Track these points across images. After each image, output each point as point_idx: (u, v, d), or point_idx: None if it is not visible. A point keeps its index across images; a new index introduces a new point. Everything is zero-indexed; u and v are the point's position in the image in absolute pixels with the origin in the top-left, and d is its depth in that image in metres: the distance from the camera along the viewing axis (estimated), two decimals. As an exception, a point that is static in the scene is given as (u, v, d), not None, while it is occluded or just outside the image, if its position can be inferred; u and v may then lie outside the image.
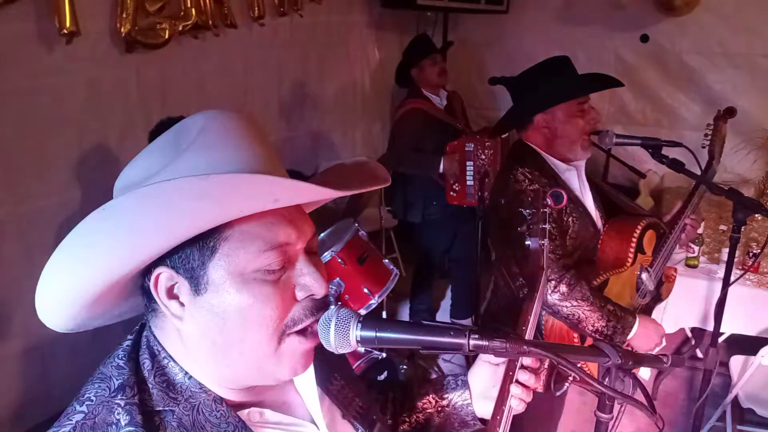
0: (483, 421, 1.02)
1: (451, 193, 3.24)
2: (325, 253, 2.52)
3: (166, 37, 2.57)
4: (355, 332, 0.70)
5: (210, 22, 2.77)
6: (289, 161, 3.81)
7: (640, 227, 1.78)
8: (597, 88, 1.79)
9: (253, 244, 0.65)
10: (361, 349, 2.60)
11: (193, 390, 0.69)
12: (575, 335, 1.73)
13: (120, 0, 2.33)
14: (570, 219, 1.76)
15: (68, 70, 2.25)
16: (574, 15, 4.08)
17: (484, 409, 1.01)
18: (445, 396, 1.04)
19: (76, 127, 2.32)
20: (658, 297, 1.94)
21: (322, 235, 2.79)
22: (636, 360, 0.84)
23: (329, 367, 0.84)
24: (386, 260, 2.77)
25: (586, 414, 2.78)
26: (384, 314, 3.03)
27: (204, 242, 0.64)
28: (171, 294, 0.67)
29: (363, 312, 2.49)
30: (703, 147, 1.96)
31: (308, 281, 0.70)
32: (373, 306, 2.58)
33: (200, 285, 0.66)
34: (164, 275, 0.66)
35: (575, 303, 1.64)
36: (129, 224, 0.60)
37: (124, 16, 2.36)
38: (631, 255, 1.77)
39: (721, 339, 2.23)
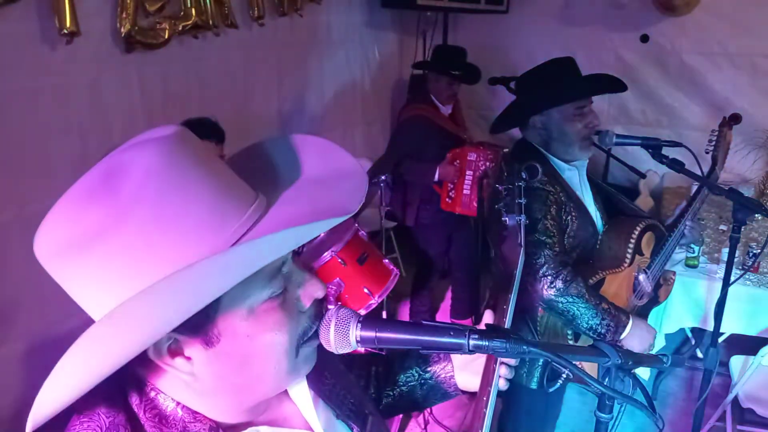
0: (464, 392, 1.03)
1: (447, 199, 3.23)
2: (325, 253, 2.52)
3: (166, 37, 2.57)
4: (355, 332, 0.70)
5: (210, 22, 2.77)
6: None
7: (638, 229, 1.79)
8: (593, 93, 1.78)
9: (255, 279, 0.61)
10: (361, 349, 2.60)
11: (186, 420, 0.66)
12: (569, 332, 1.73)
13: (120, 0, 2.33)
14: (569, 218, 1.76)
15: (70, 71, 2.25)
16: (574, 15, 4.08)
17: (465, 380, 1.02)
18: (428, 369, 1.04)
19: (78, 128, 2.31)
20: (655, 299, 1.94)
21: (322, 235, 2.79)
22: (636, 360, 0.84)
23: (320, 367, 0.83)
24: (386, 260, 2.77)
25: (586, 414, 2.79)
26: (384, 314, 3.03)
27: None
28: (174, 353, 0.62)
29: (363, 312, 2.49)
30: (707, 153, 1.95)
31: (309, 289, 0.68)
32: (373, 306, 2.58)
33: (211, 338, 0.62)
34: (162, 338, 0.61)
35: (570, 299, 1.65)
36: (145, 326, 0.55)
37: (124, 16, 2.36)
38: (628, 256, 1.78)
39: (721, 339, 2.23)
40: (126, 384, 0.65)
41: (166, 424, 0.65)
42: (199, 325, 0.60)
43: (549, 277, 1.66)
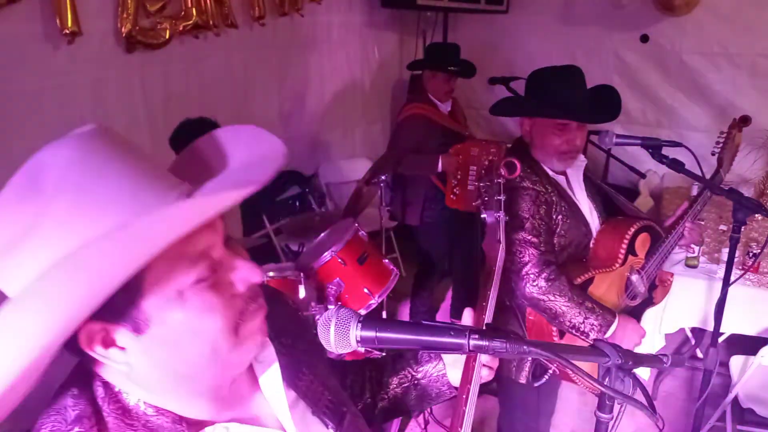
0: (458, 389, 1.02)
1: (452, 196, 3.23)
2: (325, 253, 2.52)
3: (167, 37, 2.57)
4: (355, 332, 0.71)
5: (210, 22, 2.78)
6: (289, 161, 3.81)
7: (633, 229, 1.79)
8: (570, 117, 1.75)
9: (178, 263, 0.61)
10: (361, 350, 2.60)
11: (149, 414, 0.66)
12: (554, 330, 1.74)
13: (121, 0, 2.34)
14: (560, 217, 1.77)
15: (72, 71, 2.25)
16: (574, 15, 4.08)
17: (458, 377, 1.01)
18: (420, 369, 1.04)
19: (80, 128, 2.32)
20: (650, 300, 1.94)
21: (322, 235, 2.79)
22: (636, 360, 0.84)
23: (297, 363, 0.82)
24: (386, 260, 2.77)
25: (586, 414, 2.79)
26: (384, 314, 3.03)
27: (127, 285, 0.57)
28: (107, 343, 0.61)
29: (363, 312, 2.50)
30: (713, 154, 1.95)
31: (243, 272, 0.67)
32: (373, 306, 2.58)
33: (140, 324, 0.61)
34: (93, 328, 0.60)
35: (552, 298, 1.67)
36: (53, 310, 0.54)
37: (125, 16, 2.36)
38: (621, 255, 1.78)
39: (721, 339, 2.22)
40: (95, 378, 0.66)
41: (128, 416, 0.65)
42: (123, 311, 0.60)
43: (532, 276, 1.68)
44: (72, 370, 0.67)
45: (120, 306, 0.59)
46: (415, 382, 1.04)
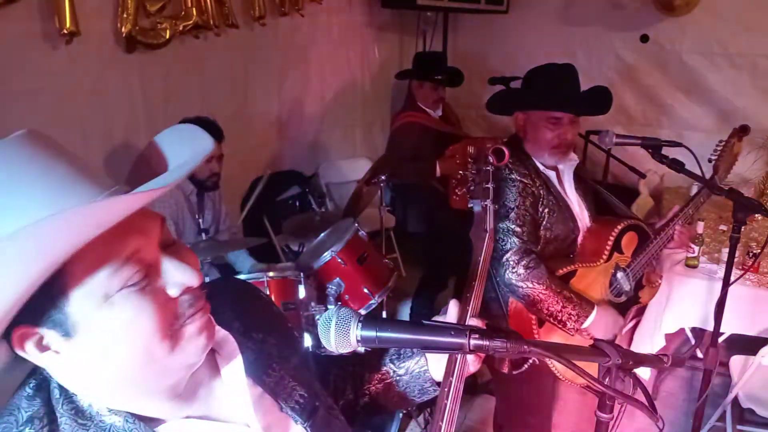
0: (440, 385, 1.01)
1: (454, 197, 3.21)
2: (325, 253, 2.53)
3: (167, 37, 2.57)
4: (356, 332, 0.71)
5: (211, 22, 2.78)
6: (289, 161, 3.81)
7: (620, 226, 1.83)
8: (561, 109, 1.79)
9: (103, 268, 0.59)
10: (362, 349, 2.61)
11: (102, 414, 0.66)
12: (533, 318, 1.78)
13: (121, 0, 2.34)
14: (546, 211, 1.82)
15: (72, 71, 2.25)
16: (574, 15, 4.08)
17: (441, 372, 1.00)
18: (402, 365, 1.03)
19: (80, 128, 2.32)
20: (635, 299, 1.94)
21: (322, 235, 2.79)
22: (636, 360, 0.84)
23: (267, 358, 0.82)
24: (386, 260, 2.77)
25: (586, 414, 2.79)
26: (384, 314, 3.03)
27: (48, 289, 0.57)
28: (41, 347, 0.61)
29: (363, 312, 2.49)
30: (710, 161, 1.96)
31: (177, 277, 0.65)
32: (373, 306, 2.58)
33: (68, 328, 0.60)
34: (23, 333, 0.60)
35: (531, 285, 1.72)
36: None
37: (125, 16, 2.36)
38: (606, 252, 1.82)
39: (721, 339, 2.23)
40: (52, 379, 0.66)
41: (81, 416, 0.65)
42: (47, 314, 0.59)
43: (511, 262, 1.73)
44: (29, 372, 0.67)
45: (43, 309, 0.58)
46: (397, 378, 1.03)
